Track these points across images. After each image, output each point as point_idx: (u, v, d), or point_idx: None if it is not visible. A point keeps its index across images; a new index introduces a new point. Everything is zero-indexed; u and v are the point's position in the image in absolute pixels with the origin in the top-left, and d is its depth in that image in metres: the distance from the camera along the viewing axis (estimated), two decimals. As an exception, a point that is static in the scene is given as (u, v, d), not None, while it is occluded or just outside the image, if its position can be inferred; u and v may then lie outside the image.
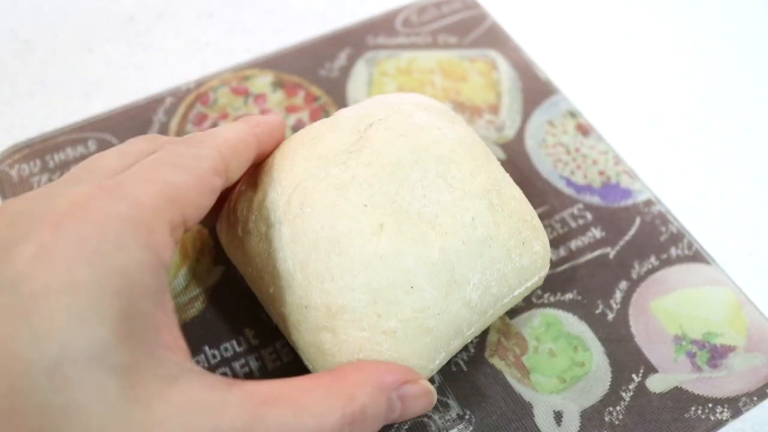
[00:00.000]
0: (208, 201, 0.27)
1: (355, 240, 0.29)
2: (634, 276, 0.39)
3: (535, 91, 0.47)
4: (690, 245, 0.40)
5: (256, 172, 0.34)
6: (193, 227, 0.29)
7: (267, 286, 0.31)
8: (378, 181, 0.31)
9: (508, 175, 0.35)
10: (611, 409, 0.34)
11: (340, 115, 0.35)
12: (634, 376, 0.35)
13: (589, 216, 0.41)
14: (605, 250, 0.40)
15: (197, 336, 0.36)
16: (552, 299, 0.38)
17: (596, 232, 0.41)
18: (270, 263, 0.31)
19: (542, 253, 0.34)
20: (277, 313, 0.32)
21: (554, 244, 0.40)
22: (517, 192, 0.35)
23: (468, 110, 0.46)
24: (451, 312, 0.30)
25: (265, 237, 0.31)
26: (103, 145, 0.43)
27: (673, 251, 0.40)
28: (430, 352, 0.30)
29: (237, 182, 0.34)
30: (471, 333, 0.32)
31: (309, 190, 0.31)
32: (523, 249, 0.33)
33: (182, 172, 0.26)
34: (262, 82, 0.47)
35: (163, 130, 0.44)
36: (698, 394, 0.35)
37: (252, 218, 0.32)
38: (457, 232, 0.31)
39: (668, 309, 0.38)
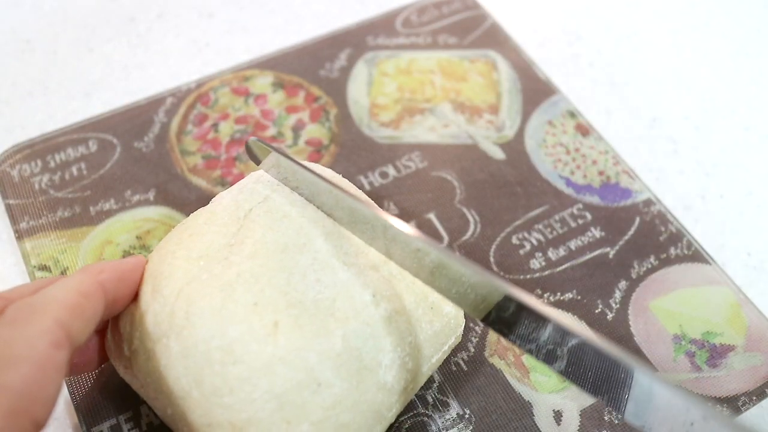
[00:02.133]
0: (55, 385, 0.24)
1: (249, 345, 0.27)
2: (634, 276, 0.39)
3: (535, 91, 0.47)
4: (689, 245, 0.40)
5: None
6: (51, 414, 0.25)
7: (164, 407, 0.28)
8: (266, 273, 0.29)
9: None
10: (611, 408, 0.34)
11: (217, 203, 0.33)
12: (633, 375, 0.35)
13: (588, 216, 0.41)
14: (605, 249, 0.40)
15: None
16: (552, 299, 0.38)
17: (596, 232, 0.41)
18: (163, 383, 0.28)
19: (454, 313, 0.32)
20: None
21: (554, 243, 0.40)
22: None
23: (468, 110, 0.46)
24: (366, 400, 0.28)
25: (152, 354, 0.28)
26: (104, 145, 0.43)
27: (672, 251, 0.40)
28: None
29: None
30: (393, 413, 0.30)
31: (193, 296, 0.28)
32: (433, 314, 0.31)
33: (17, 367, 0.23)
34: (263, 82, 0.47)
35: (164, 130, 0.44)
36: (697, 394, 0.35)
37: (136, 334, 0.29)
38: (359, 314, 0.29)
39: (668, 309, 0.38)
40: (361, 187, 0.42)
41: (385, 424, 0.30)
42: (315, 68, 0.47)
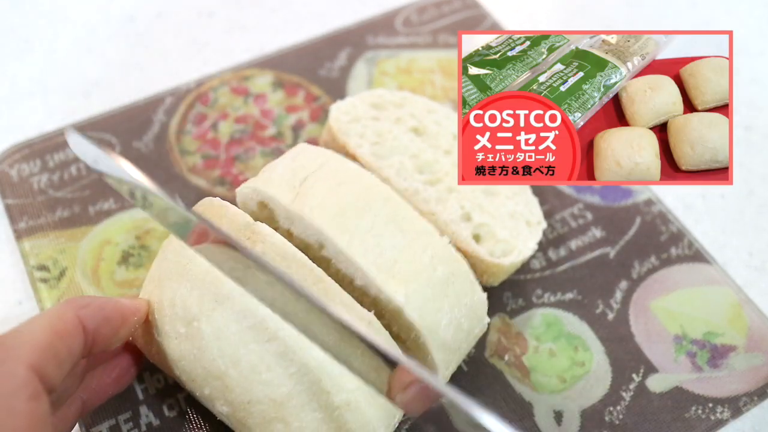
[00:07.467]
0: None
1: (282, 320, 0.27)
2: (635, 276, 0.39)
3: (536, 90, 0.47)
4: (690, 245, 0.40)
5: (155, 267, 0.31)
6: None
7: (201, 387, 0.29)
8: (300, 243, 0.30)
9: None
10: (611, 408, 0.34)
11: (271, 171, 0.33)
12: (634, 375, 0.35)
13: (589, 216, 0.41)
14: (605, 249, 0.40)
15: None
16: (552, 299, 0.38)
17: (596, 232, 0.41)
18: (198, 364, 0.28)
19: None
20: (218, 412, 0.29)
21: (554, 243, 0.40)
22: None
23: (468, 110, 0.46)
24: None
25: (185, 338, 0.28)
26: (103, 145, 0.43)
27: (673, 251, 0.40)
28: (391, 409, 0.29)
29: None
30: (449, 372, 0.31)
31: (220, 277, 0.28)
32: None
33: None
34: (262, 81, 0.47)
35: (164, 130, 0.44)
36: (698, 394, 0.35)
37: (166, 319, 0.29)
38: (419, 276, 0.29)
39: (668, 309, 0.38)
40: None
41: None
42: (315, 67, 0.47)
